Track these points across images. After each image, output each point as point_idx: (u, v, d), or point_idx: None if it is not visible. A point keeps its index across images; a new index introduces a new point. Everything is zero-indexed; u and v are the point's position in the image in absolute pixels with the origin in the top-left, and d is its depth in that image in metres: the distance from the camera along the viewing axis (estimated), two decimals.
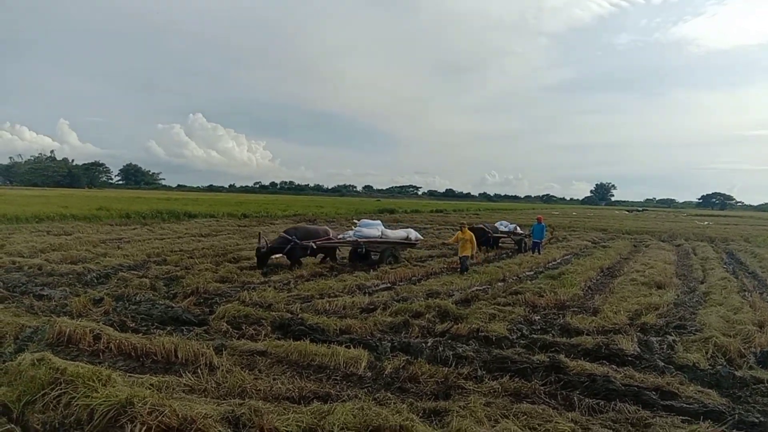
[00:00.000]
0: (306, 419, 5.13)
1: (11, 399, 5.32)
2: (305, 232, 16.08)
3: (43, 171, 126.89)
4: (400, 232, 18.32)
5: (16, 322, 8.26)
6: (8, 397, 5.34)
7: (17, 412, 5.18)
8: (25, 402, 5.28)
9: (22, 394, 5.36)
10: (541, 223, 21.06)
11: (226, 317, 9.17)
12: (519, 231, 23.83)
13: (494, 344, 8.20)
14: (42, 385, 5.37)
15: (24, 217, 27.41)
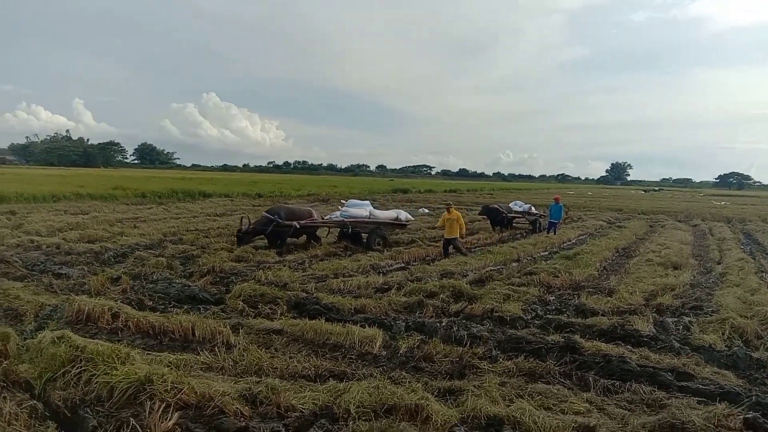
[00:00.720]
0: (322, 397, 5.20)
1: (33, 376, 5.43)
2: (288, 212, 15.59)
3: (59, 151, 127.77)
4: (390, 212, 17.89)
5: (36, 300, 8.40)
6: (30, 373, 5.45)
7: (39, 388, 5.29)
8: (46, 379, 5.38)
9: (44, 371, 5.47)
10: (559, 203, 20.91)
11: (243, 296, 9.25)
12: (533, 211, 23.70)
13: (509, 324, 8.20)
14: (63, 363, 5.47)
15: (41, 197, 27.76)
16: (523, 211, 23.35)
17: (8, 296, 8.63)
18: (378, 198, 44.49)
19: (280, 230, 14.91)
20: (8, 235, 15.55)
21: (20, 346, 6.03)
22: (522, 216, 23.27)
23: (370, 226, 16.37)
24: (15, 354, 5.83)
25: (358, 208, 16.65)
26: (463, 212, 31.52)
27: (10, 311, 8.03)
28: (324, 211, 18.95)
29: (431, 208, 34.10)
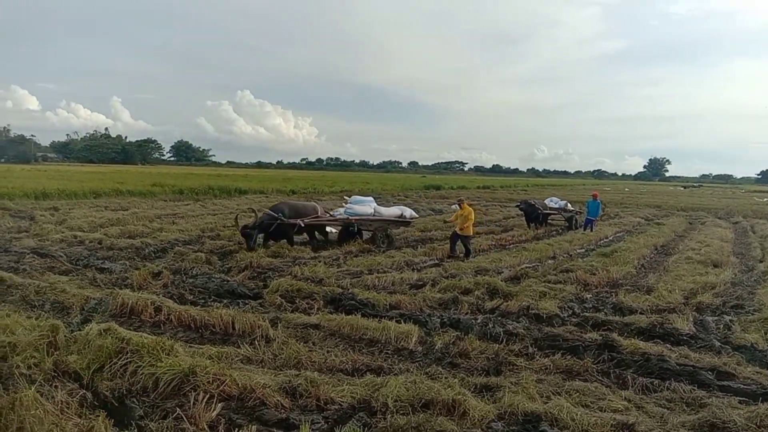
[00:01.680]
0: (360, 391, 5.28)
1: (81, 366, 5.62)
2: (293, 209, 14.86)
3: (98, 148, 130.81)
4: (394, 209, 17.19)
5: (81, 293, 8.68)
6: (78, 364, 5.64)
7: (87, 378, 5.47)
8: (94, 369, 5.57)
9: (91, 362, 5.65)
10: (597, 199, 20.62)
11: (280, 291, 9.40)
12: (569, 208, 23.40)
13: (545, 322, 8.16)
14: (109, 354, 5.65)
15: (82, 193, 28.53)
16: (558, 207, 23.07)
17: (55, 290, 8.92)
18: (411, 195, 44.49)
19: (285, 228, 14.28)
20: (52, 231, 16.06)
21: (68, 337, 6.24)
22: (558, 212, 23.00)
23: (375, 224, 15.92)
24: (64, 345, 6.03)
25: (362, 204, 16.08)
26: (496, 209, 31.49)
27: (57, 304, 8.31)
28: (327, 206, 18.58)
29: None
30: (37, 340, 6.02)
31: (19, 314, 7.14)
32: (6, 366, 5.66)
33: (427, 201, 36.81)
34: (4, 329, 6.39)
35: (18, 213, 20.56)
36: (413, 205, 31.51)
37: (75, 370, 5.56)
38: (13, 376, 5.37)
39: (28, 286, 9.09)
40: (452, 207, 31.34)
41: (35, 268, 10.93)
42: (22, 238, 14.84)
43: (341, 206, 16.45)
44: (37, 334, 6.14)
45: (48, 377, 5.35)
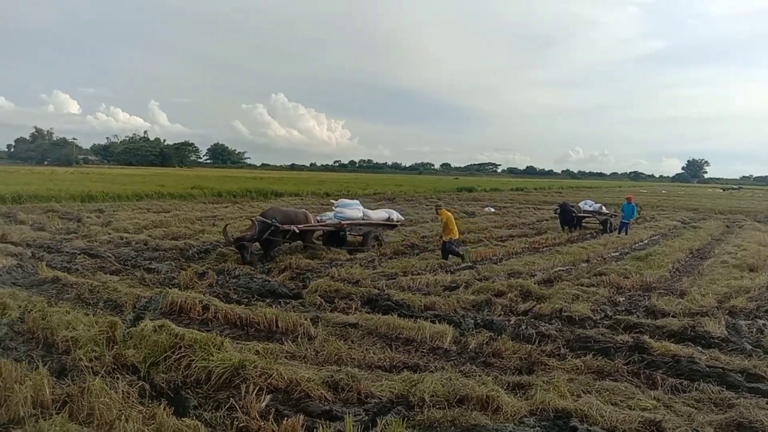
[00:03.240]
0: (398, 386, 5.58)
1: (138, 360, 6.05)
2: (284, 216, 14.10)
3: (137, 150, 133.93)
4: (381, 212, 17.09)
5: (132, 292, 9.18)
6: (136, 358, 6.08)
7: (144, 371, 5.91)
8: (150, 363, 6.00)
9: (148, 356, 6.09)
10: (631, 202, 20.52)
11: (319, 291, 9.76)
12: (604, 211, 23.28)
13: (577, 324, 8.33)
14: (164, 349, 6.08)
15: (125, 195, 29.55)
16: (593, 210, 22.97)
17: (107, 288, 9.44)
18: (443, 197, 44.61)
19: (275, 236, 13.58)
20: (100, 232, 16.80)
21: (125, 333, 6.68)
22: (592, 215, 22.91)
23: (365, 228, 15.78)
24: (122, 340, 6.48)
25: (350, 208, 15.74)
26: (530, 211, 31.46)
27: (110, 302, 8.81)
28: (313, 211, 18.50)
29: (497, 207, 34.03)
30: (97, 335, 6.50)
31: (77, 311, 7.64)
32: (70, 359, 6.14)
33: (459, 203, 36.89)
34: (66, 325, 6.90)
35: (65, 215, 21.44)
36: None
37: (133, 364, 6.00)
38: (77, 368, 5.84)
39: (82, 285, 9.63)
40: (485, 209, 31.45)
41: (87, 268, 11.54)
42: (71, 239, 15.59)
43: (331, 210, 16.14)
44: (96, 329, 6.62)
45: (109, 369, 5.80)
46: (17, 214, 20.44)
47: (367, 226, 15.80)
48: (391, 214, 17.00)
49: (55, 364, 5.97)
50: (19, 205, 23.88)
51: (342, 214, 15.30)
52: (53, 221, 19.39)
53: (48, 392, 5.00)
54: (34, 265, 11.46)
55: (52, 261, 12.10)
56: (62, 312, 7.44)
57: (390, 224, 16.88)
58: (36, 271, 10.80)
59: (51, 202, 25.12)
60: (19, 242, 14.47)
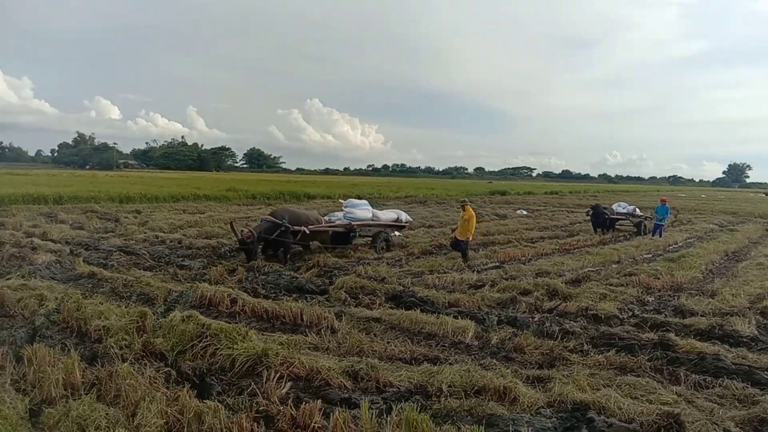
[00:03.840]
0: (417, 377, 5.65)
1: (166, 348, 6.26)
2: (294, 216, 13.52)
3: (176, 155, 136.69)
4: (390, 213, 16.78)
5: (164, 286, 9.45)
6: (164, 346, 6.29)
7: (171, 358, 6.11)
8: (177, 351, 6.21)
9: (175, 344, 6.30)
10: (665, 204, 20.17)
11: (345, 288, 9.90)
12: (638, 213, 22.89)
13: (603, 322, 8.26)
14: (191, 338, 6.28)
15: (162, 197, 30.33)
16: (627, 212, 22.60)
17: (140, 283, 9.74)
18: (475, 200, 44.41)
19: (285, 236, 12.95)
20: (136, 231, 17.32)
21: (154, 323, 6.90)
22: (626, 218, 22.54)
23: (374, 229, 15.49)
24: (151, 330, 6.69)
25: (360, 208, 15.52)
26: (563, 214, 31.12)
27: (143, 296, 9.10)
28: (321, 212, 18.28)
29: (530, 210, 33.77)
30: (128, 324, 6.75)
31: (110, 303, 7.92)
32: (101, 346, 6.39)
33: (491, 206, 36.69)
34: (99, 315, 7.18)
35: (104, 215, 22.18)
36: (477, 210, 31.58)
37: (161, 351, 6.21)
38: (107, 355, 6.07)
39: (116, 280, 9.96)
40: (518, 212, 31.24)
41: (122, 264, 11.91)
42: (109, 237, 16.09)
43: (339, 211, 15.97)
44: (127, 319, 6.88)
45: (138, 356, 6.03)
46: (58, 214, 21.23)
47: (377, 227, 15.57)
48: (399, 214, 16.74)
49: (87, 351, 6.22)
50: (60, 206, 24.78)
51: (352, 215, 15.07)
52: (92, 221, 20.06)
53: (78, 375, 5.23)
54: (71, 261, 11.90)
55: (89, 257, 12.54)
56: (96, 303, 7.74)
57: (399, 225, 16.60)
58: (73, 267, 11.22)
59: (90, 203, 26.00)
60: (58, 240, 15.04)
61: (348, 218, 14.93)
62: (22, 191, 26.83)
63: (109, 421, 4.33)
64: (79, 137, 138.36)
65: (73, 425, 4.30)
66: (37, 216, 20.71)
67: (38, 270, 10.79)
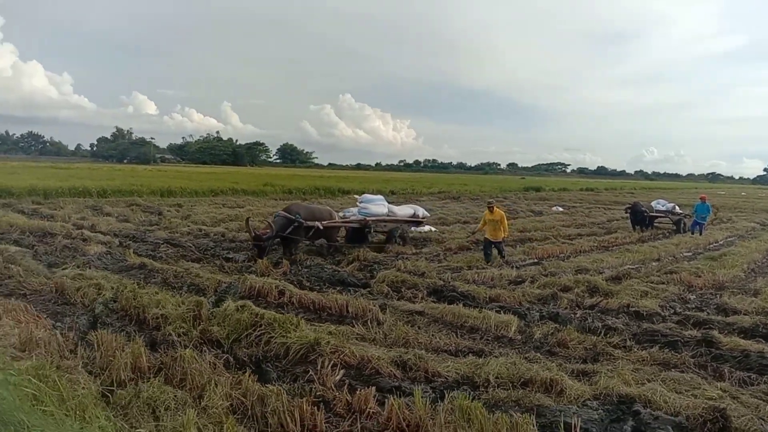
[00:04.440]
0: (463, 368, 5.83)
1: (222, 336, 6.57)
2: (307, 212, 13.12)
3: (211, 150, 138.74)
4: (406, 208, 16.14)
5: (213, 278, 9.80)
6: (220, 334, 6.60)
7: (227, 346, 6.40)
8: (233, 339, 6.51)
9: (231, 332, 6.60)
10: (705, 202, 19.88)
11: (386, 281, 10.11)
12: (678, 210, 22.56)
13: (645, 319, 8.29)
14: (246, 326, 6.58)
15: (201, 191, 31.04)
16: (666, 210, 22.31)
17: (190, 274, 10.12)
18: (509, 196, 44.24)
19: (298, 233, 12.64)
20: (180, 224, 17.85)
21: (209, 312, 7.21)
22: (665, 215, 22.25)
23: (390, 225, 15.10)
24: (206, 318, 7.00)
25: (375, 204, 14.99)
26: (600, 211, 30.82)
27: (194, 286, 9.46)
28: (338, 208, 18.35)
29: (566, 207, 33.53)
30: (185, 313, 7.08)
31: (164, 293, 8.28)
32: (160, 334, 6.72)
33: (526, 203, 36.53)
34: (156, 304, 7.53)
35: (147, 208, 22.84)
36: (512, 206, 31.51)
37: (217, 339, 6.53)
38: (166, 342, 6.39)
39: (167, 271, 10.35)
40: (553, 209, 31.06)
41: (170, 256, 12.35)
42: (154, 230, 16.65)
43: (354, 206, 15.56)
44: (184, 308, 7.22)
45: (195, 343, 6.33)
46: (103, 207, 21.96)
47: (392, 223, 15.17)
48: (416, 210, 16.29)
49: (146, 338, 6.54)
50: (104, 199, 25.59)
51: (366, 210, 14.56)
52: (136, 214, 20.72)
53: (144, 360, 5.54)
54: (121, 252, 12.38)
55: (138, 249, 13.01)
56: (151, 293, 8.09)
57: (415, 221, 16.19)
58: (124, 258, 11.67)
59: (133, 197, 26.81)
60: (107, 232, 15.60)
61: (363, 213, 14.45)
62: (67, 184, 27.78)
63: (178, 403, 4.60)
64: (118, 132, 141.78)
65: (144, 406, 4.58)
66: (83, 209, 21.44)
67: (91, 261, 11.30)
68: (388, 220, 15.01)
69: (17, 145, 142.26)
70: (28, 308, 7.33)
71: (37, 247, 12.72)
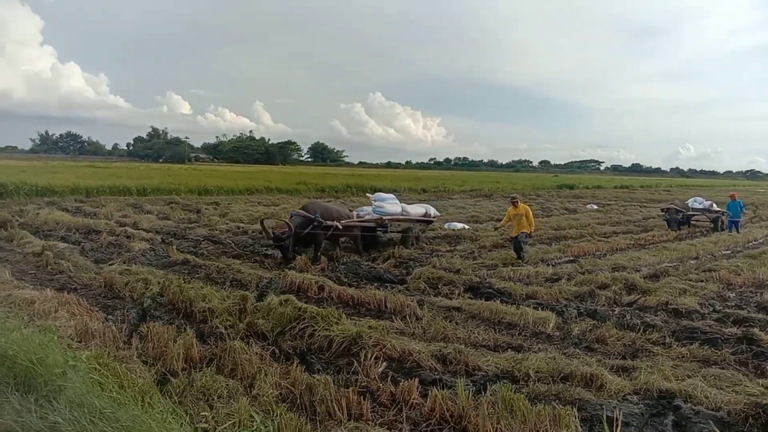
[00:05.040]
0: (503, 363, 5.94)
1: (267, 329, 6.80)
2: (325, 211, 12.59)
3: (244, 149, 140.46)
4: (418, 207, 15.46)
5: (255, 273, 10.11)
6: (265, 327, 6.83)
7: (272, 338, 6.63)
8: (277, 332, 6.73)
9: (275, 325, 6.83)
10: (735, 200, 19.51)
11: (422, 278, 10.26)
12: (715, 208, 22.13)
13: (684, 316, 8.26)
14: (290, 320, 6.80)
15: (237, 190, 31.64)
16: (703, 208, 21.92)
17: (232, 269, 10.42)
18: (542, 194, 43.91)
19: (316, 233, 12.04)
20: (218, 222, 18.30)
21: (254, 306, 7.45)
22: (701, 213, 21.86)
23: (404, 224, 14.49)
24: (251, 311, 7.24)
25: (389, 203, 14.43)
26: (635, 209, 30.42)
27: (236, 281, 9.75)
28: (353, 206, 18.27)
29: (600, 204, 33.17)
30: (230, 307, 7.33)
31: (210, 287, 8.56)
32: (207, 326, 6.98)
33: (560, 200, 36.25)
34: (202, 298, 7.80)
35: (186, 206, 23.41)
36: (545, 204, 31.32)
37: (262, 332, 6.76)
38: (214, 334, 6.64)
39: (210, 266, 10.67)
40: (588, 207, 30.77)
41: (211, 253, 12.69)
42: (194, 227, 17.10)
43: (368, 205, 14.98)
44: (229, 302, 7.47)
45: (242, 336, 6.56)
46: (143, 205, 22.61)
47: (407, 222, 14.62)
48: (428, 209, 15.64)
49: (195, 330, 6.79)
50: (144, 197, 26.28)
51: (382, 209, 13.95)
52: (176, 212, 21.27)
53: (196, 351, 5.79)
54: (164, 249, 12.76)
55: (180, 246, 13.39)
56: (197, 288, 8.38)
57: (427, 220, 15.60)
58: (167, 254, 12.05)
59: (172, 195, 27.51)
60: (149, 229, 16.07)
61: (378, 212, 13.87)
62: (108, 183, 28.63)
63: (230, 391, 4.82)
64: (153, 131, 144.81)
65: (198, 394, 4.80)
66: (124, 206, 22.12)
67: (136, 257, 11.69)
68: (403, 219, 14.50)
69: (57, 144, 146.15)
70: (81, 301, 7.65)
71: (84, 243, 13.20)
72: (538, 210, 27.07)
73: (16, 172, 31.14)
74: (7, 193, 23.59)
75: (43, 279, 9.53)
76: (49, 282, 9.23)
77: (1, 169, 35.52)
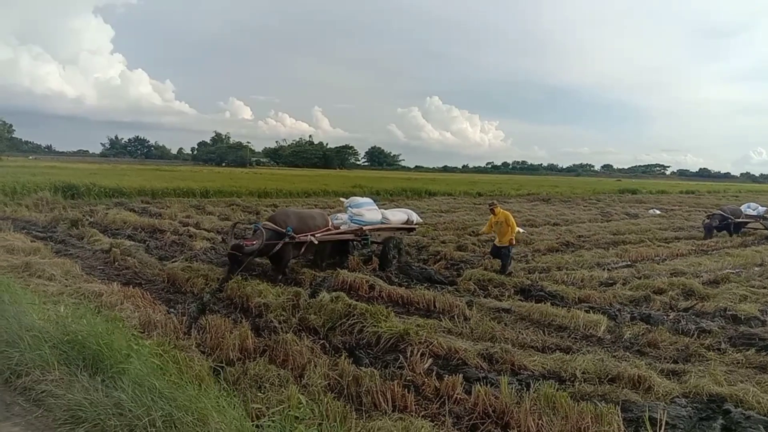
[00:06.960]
0: (550, 363, 5.97)
1: (318, 324, 7.03)
2: (299, 220, 10.67)
3: (303, 153, 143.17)
4: (399, 214, 13.21)
5: (309, 272, 10.40)
6: (317, 323, 7.07)
7: (323, 333, 6.86)
8: (328, 327, 6.96)
9: (326, 321, 7.05)
10: None
11: (473, 279, 10.33)
12: None
13: (742, 323, 8.03)
14: (340, 316, 7.01)
15: (295, 192, 32.42)
16: (757, 215, 20.84)
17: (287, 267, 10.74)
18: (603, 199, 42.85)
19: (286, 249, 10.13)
20: None
21: (306, 302, 7.71)
22: (756, 220, 20.75)
23: (384, 233, 12.55)
24: (304, 307, 7.51)
25: (366, 209, 12.35)
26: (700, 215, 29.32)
27: (291, 279, 10.06)
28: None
29: (663, 210, 32.16)
30: (284, 302, 7.62)
31: (266, 284, 8.91)
32: (262, 320, 7.27)
33: (621, 205, 35.30)
34: (258, 293, 8.13)
35: (246, 208, 24.15)
36: (605, 209, 30.60)
37: (314, 326, 7.00)
38: (268, 327, 6.92)
39: (266, 265, 11.03)
40: (650, 212, 29.87)
41: None
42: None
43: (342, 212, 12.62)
44: (284, 298, 7.77)
45: (295, 329, 6.82)
46: (205, 207, 23.43)
47: (387, 231, 12.59)
48: (410, 215, 13.25)
49: (251, 323, 7.11)
50: (207, 199, 27.24)
51: (361, 218, 11.90)
52: (236, 213, 21.98)
53: (250, 342, 6.08)
54: (224, 248, 13.22)
55: None
56: (254, 284, 8.73)
57: (409, 227, 13.30)
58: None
59: (233, 197, 28.38)
60: (210, 229, 16.68)
61: (356, 222, 11.85)
62: (172, 185, 29.76)
63: (281, 380, 5.06)
64: (216, 136, 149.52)
65: (252, 381, 5.07)
66: (188, 207, 22.99)
67: (197, 255, 12.22)
68: (384, 228, 12.47)
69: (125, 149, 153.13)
70: (145, 295, 8.11)
71: (149, 241, 13.87)
72: (597, 214, 26.53)
73: (87, 175, 32.79)
74: (78, 194, 24.88)
75: (110, 274, 10.09)
76: (116, 277, 9.78)
77: (73, 171, 37.60)
